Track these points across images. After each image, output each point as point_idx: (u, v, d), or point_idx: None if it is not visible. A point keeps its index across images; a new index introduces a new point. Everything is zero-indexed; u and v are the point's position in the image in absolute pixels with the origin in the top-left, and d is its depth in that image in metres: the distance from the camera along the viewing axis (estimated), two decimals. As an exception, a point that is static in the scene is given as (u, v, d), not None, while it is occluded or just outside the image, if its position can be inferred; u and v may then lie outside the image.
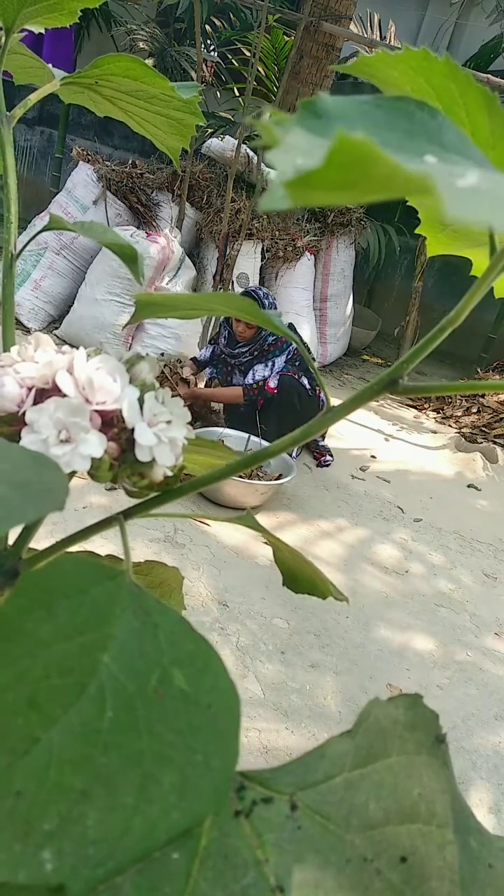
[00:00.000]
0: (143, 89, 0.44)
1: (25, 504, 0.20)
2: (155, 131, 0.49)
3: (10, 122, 0.38)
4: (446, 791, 0.23)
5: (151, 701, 0.20)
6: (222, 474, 0.31)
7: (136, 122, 0.49)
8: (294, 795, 0.22)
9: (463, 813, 0.23)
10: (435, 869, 0.22)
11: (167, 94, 0.44)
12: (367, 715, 0.24)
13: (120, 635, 0.22)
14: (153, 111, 0.46)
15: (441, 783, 0.23)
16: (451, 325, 0.29)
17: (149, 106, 0.46)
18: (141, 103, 0.46)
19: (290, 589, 0.41)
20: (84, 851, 0.18)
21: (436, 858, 0.22)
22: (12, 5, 0.36)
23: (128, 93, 0.45)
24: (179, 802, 0.19)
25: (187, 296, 0.31)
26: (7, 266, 0.38)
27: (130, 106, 0.46)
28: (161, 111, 0.46)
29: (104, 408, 0.28)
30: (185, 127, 0.48)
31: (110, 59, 0.41)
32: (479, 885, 0.22)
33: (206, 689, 0.21)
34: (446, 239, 0.36)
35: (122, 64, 0.41)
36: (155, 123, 0.48)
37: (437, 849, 0.22)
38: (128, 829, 0.18)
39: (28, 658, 0.20)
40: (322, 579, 0.39)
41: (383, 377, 0.29)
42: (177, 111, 0.46)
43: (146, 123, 0.48)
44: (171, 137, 0.49)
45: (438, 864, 0.22)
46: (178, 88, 0.44)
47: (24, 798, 0.18)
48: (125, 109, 0.47)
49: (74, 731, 0.19)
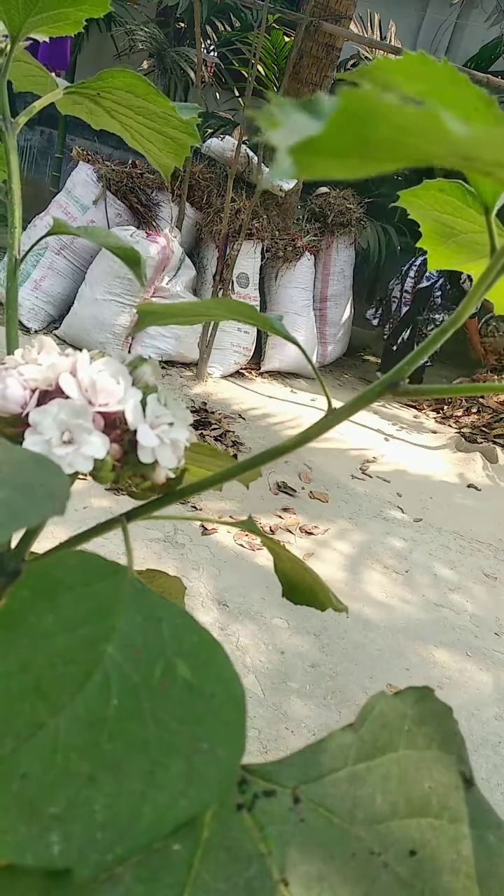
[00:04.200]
0: (143, 105, 0.44)
1: (28, 508, 0.20)
2: (150, 147, 0.49)
3: (15, 129, 0.38)
4: (460, 786, 0.23)
5: (156, 691, 0.21)
6: (222, 478, 0.32)
7: (133, 137, 0.49)
8: (297, 788, 0.23)
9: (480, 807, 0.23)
10: (448, 863, 0.22)
11: (167, 113, 0.45)
12: (372, 708, 0.24)
13: (123, 627, 0.22)
14: (151, 128, 0.47)
15: (454, 778, 0.23)
16: (452, 327, 0.29)
17: (147, 122, 0.46)
18: (140, 119, 0.46)
19: (288, 599, 0.40)
20: (92, 835, 0.18)
21: (448, 852, 0.22)
22: (18, 14, 0.37)
23: (128, 107, 0.45)
24: (187, 789, 0.19)
25: (188, 303, 0.31)
26: (11, 270, 0.39)
27: (129, 120, 0.47)
28: (159, 129, 0.47)
29: (107, 410, 0.29)
30: (181, 147, 0.49)
31: (114, 73, 0.42)
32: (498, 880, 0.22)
33: (211, 680, 0.21)
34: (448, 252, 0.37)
35: (125, 79, 0.42)
36: (151, 140, 0.48)
37: (448, 843, 0.22)
38: (137, 815, 0.18)
39: (32, 648, 0.20)
40: (322, 589, 0.39)
41: (385, 379, 0.29)
42: (174, 130, 0.47)
43: (142, 139, 0.49)
44: (166, 155, 0.50)
45: (451, 857, 0.22)
46: (179, 109, 0.45)
47: (30, 781, 0.18)
48: (123, 123, 0.47)
49: (80, 717, 0.20)
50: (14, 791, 0.18)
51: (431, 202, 0.34)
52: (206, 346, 3.44)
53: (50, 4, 0.37)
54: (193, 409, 3.08)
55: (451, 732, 0.24)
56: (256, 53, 3.27)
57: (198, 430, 2.87)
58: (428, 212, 0.34)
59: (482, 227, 0.33)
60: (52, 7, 0.37)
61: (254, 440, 2.96)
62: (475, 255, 0.37)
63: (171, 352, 3.45)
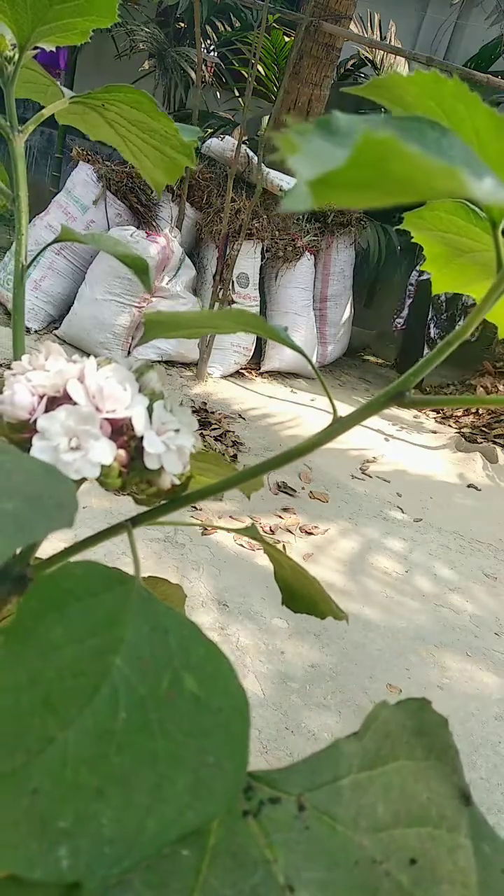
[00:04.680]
0: (145, 122, 0.45)
1: (36, 521, 0.20)
2: (145, 162, 0.50)
3: (23, 136, 0.38)
4: (456, 797, 0.24)
5: (163, 703, 0.21)
6: (226, 485, 0.32)
7: (130, 151, 0.50)
8: (302, 796, 0.23)
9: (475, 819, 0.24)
10: (445, 872, 0.22)
11: (168, 133, 0.45)
12: (375, 717, 0.24)
13: (131, 638, 0.22)
14: (150, 144, 0.47)
15: (450, 789, 0.24)
16: (458, 339, 0.30)
17: (147, 138, 0.47)
18: (141, 134, 0.47)
19: (288, 608, 0.40)
20: (100, 849, 0.18)
21: (446, 862, 0.22)
22: (27, 24, 0.37)
23: (130, 121, 0.45)
24: (193, 802, 0.19)
25: (195, 314, 0.31)
26: (18, 277, 0.39)
27: (129, 134, 0.47)
28: (157, 146, 0.47)
29: (114, 416, 0.29)
30: (177, 166, 0.50)
31: (122, 88, 0.42)
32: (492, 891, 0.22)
33: (217, 693, 0.21)
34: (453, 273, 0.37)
35: (132, 95, 0.42)
36: (148, 156, 0.49)
37: (447, 852, 0.22)
38: (143, 828, 0.19)
39: (41, 660, 0.21)
40: (324, 598, 0.39)
41: (390, 390, 0.30)
42: (172, 150, 0.47)
43: (139, 154, 0.49)
44: (160, 173, 0.50)
45: (449, 867, 0.22)
46: (181, 130, 0.45)
47: (40, 796, 0.18)
48: (123, 136, 0.48)
49: (89, 731, 0.20)
50: (25, 806, 0.18)
51: (436, 222, 0.34)
52: (206, 346, 3.44)
53: (58, 15, 0.37)
54: (193, 409, 3.08)
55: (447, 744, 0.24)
56: (256, 53, 3.27)
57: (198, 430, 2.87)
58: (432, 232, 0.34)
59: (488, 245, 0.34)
60: (61, 17, 0.38)
61: (254, 440, 2.96)
62: (481, 276, 0.37)
63: (171, 352, 3.45)
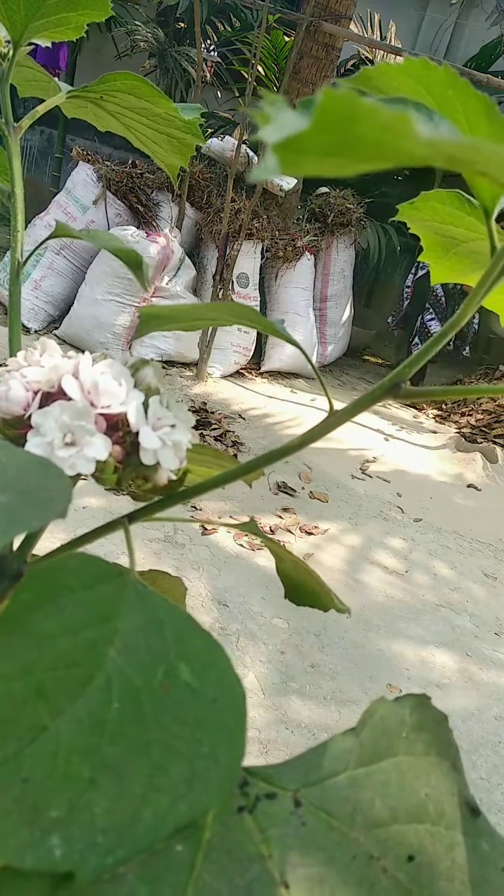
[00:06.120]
0: (146, 107, 0.45)
1: (29, 513, 0.20)
2: (156, 148, 0.50)
3: (18, 133, 0.38)
4: (455, 793, 0.23)
5: (158, 694, 0.21)
6: (224, 479, 0.32)
7: (138, 139, 0.50)
8: (298, 792, 0.23)
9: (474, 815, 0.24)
10: (444, 869, 0.22)
11: (170, 114, 0.45)
12: (373, 713, 0.24)
13: (126, 630, 0.22)
14: (155, 129, 0.47)
15: (450, 785, 0.23)
16: (452, 330, 0.29)
17: (151, 124, 0.47)
18: (144, 120, 0.47)
19: (291, 601, 0.40)
20: (93, 839, 0.18)
21: (444, 859, 0.22)
22: (20, 20, 0.37)
23: (131, 109, 0.45)
24: (188, 793, 0.19)
25: (191, 306, 0.31)
26: (14, 274, 0.39)
27: (133, 122, 0.47)
28: (163, 129, 0.47)
29: (109, 411, 0.29)
30: (186, 146, 0.49)
31: (117, 75, 0.42)
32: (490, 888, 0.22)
33: (213, 684, 0.21)
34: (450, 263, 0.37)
35: (127, 82, 0.42)
36: (157, 141, 0.49)
37: (445, 849, 0.22)
38: (137, 818, 0.18)
39: (34, 650, 0.21)
40: (325, 591, 0.39)
41: (385, 382, 0.29)
42: (178, 131, 0.47)
43: (148, 140, 0.49)
44: (172, 156, 0.50)
45: (447, 864, 0.22)
46: (181, 110, 0.45)
47: (32, 785, 0.18)
48: (128, 125, 0.48)
49: (82, 721, 0.20)
50: (16, 795, 0.18)
51: (431, 213, 0.34)
52: (206, 346, 3.44)
53: (51, 9, 0.37)
54: (193, 409, 3.08)
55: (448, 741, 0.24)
56: (256, 53, 3.27)
57: (198, 430, 2.87)
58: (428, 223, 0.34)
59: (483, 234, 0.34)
60: (54, 12, 0.38)
61: (254, 440, 2.96)
62: (477, 266, 0.37)
63: (170, 352, 3.45)
